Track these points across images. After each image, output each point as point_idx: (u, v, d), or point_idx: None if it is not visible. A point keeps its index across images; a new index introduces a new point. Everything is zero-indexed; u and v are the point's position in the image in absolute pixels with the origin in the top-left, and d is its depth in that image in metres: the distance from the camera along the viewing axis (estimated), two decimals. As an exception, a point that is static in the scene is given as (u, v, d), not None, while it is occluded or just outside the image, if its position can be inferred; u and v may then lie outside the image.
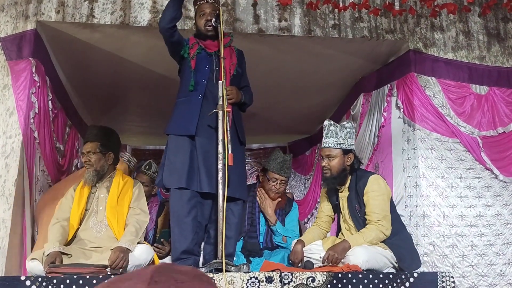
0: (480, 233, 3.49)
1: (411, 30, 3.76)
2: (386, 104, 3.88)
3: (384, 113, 3.88)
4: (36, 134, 3.22)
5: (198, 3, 2.94)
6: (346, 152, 2.93)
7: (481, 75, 3.79)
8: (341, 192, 3.02)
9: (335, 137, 2.92)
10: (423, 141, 3.55)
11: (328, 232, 3.18)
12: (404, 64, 3.75)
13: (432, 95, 3.62)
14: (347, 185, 2.98)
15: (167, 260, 3.13)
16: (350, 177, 2.97)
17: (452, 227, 3.43)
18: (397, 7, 3.39)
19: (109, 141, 3.01)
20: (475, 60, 3.84)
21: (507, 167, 3.67)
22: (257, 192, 3.41)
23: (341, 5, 3.42)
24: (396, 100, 3.76)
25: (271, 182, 3.37)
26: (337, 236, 3.11)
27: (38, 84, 3.23)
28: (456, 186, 3.53)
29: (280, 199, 3.43)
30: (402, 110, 3.69)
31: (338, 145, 2.92)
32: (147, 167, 3.65)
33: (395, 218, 2.94)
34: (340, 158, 2.92)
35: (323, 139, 3.00)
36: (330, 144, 2.93)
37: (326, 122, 3.04)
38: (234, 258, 2.94)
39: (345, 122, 3.05)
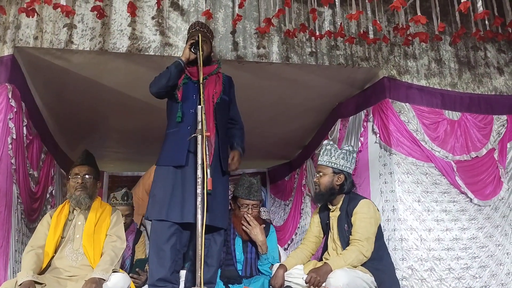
0: (457, 256, 3.54)
1: (385, 58, 3.87)
2: (362, 129, 3.95)
3: (361, 138, 3.95)
4: (13, 160, 3.17)
5: (190, 31, 2.99)
6: (336, 172, 3.03)
7: (453, 101, 3.91)
8: (333, 211, 3.08)
9: (328, 156, 3.06)
10: (399, 165, 3.60)
11: (313, 254, 3.17)
12: (379, 91, 3.84)
13: (407, 121, 3.70)
14: (339, 205, 3.05)
15: (145, 288, 3.06)
16: (343, 197, 3.04)
17: (430, 250, 3.47)
18: (371, 36, 3.50)
19: (99, 170, 3.07)
20: (447, 86, 3.96)
21: (481, 191, 3.75)
22: (245, 219, 3.31)
23: (317, 33, 3.51)
24: (372, 126, 3.83)
25: (243, 208, 3.34)
26: (322, 254, 3.13)
27: (15, 110, 3.19)
28: (432, 210, 3.58)
29: (264, 225, 3.40)
30: (378, 135, 3.76)
31: (330, 164, 3.04)
32: (125, 198, 3.62)
33: (381, 245, 2.98)
34: (329, 176, 3.03)
35: (319, 156, 3.14)
36: (322, 162, 3.08)
37: (325, 142, 3.20)
38: (215, 286, 2.90)
39: (346, 145, 3.16)
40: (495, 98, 4.06)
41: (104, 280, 2.55)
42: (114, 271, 2.65)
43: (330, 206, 3.10)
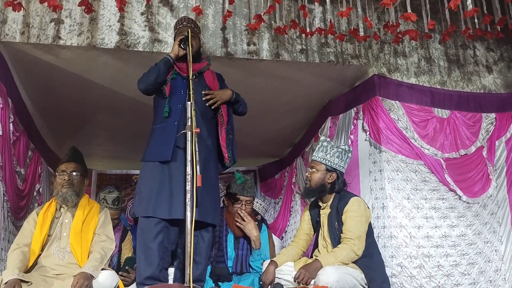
0: (446, 253, 3.55)
1: (375, 55, 3.87)
2: (352, 127, 3.95)
3: (351, 135, 3.95)
4: (-1, 157, 3.11)
5: (177, 26, 2.97)
6: (329, 170, 3.04)
7: (442, 99, 3.92)
8: (323, 209, 3.08)
9: (323, 153, 3.07)
10: (389, 163, 3.61)
11: (304, 251, 3.17)
12: (369, 88, 3.84)
13: (397, 118, 3.71)
14: (329, 203, 3.05)
15: (133, 287, 3.03)
16: (334, 196, 3.05)
17: (419, 247, 3.48)
18: (361, 33, 3.50)
19: (86, 167, 3.04)
20: (437, 84, 3.98)
21: (469, 188, 3.77)
22: (238, 215, 3.32)
23: (308, 30, 3.50)
24: (362, 123, 3.84)
25: (236, 204, 3.35)
26: (313, 252, 3.13)
27: (1, 105, 3.14)
28: (421, 207, 3.59)
29: (256, 222, 3.40)
30: (368, 132, 3.76)
31: (324, 160, 3.06)
32: (116, 203, 3.61)
33: (371, 243, 2.99)
34: (322, 173, 3.04)
35: (314, 151, 3.15)
36: (316, 158, 3.09)
37: (322, 138, 3.20)
38: (204, 284, 2.88)
39: (343, 144, 3.16)
40: (484, 96, 4.08)
41: (94, 277, 2.53)
42: (102, 269, 2.62)
43: (320, 204, 3.10)
